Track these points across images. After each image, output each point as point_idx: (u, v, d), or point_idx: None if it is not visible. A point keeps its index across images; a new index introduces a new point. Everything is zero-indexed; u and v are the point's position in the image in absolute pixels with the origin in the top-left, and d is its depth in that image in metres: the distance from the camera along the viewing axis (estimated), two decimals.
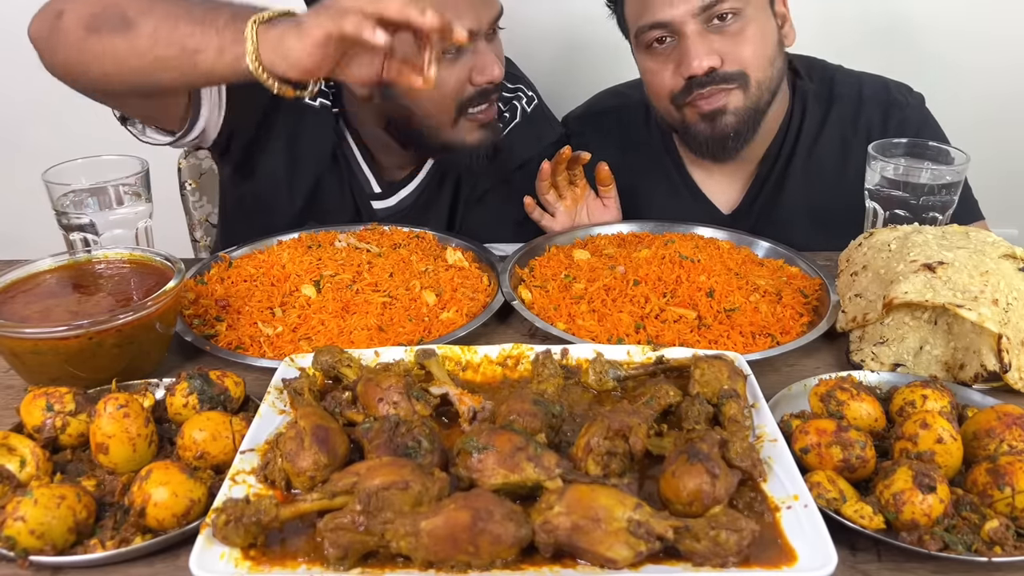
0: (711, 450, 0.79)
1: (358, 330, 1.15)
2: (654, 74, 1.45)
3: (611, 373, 0.99)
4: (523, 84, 1.65)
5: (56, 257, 1.13)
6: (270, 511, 0.73)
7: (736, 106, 1.42)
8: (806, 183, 1.55)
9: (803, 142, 1.54)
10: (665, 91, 1.45)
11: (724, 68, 1.39)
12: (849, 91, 1.55)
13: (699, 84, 1.40)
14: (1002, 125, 2.26)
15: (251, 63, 1.04)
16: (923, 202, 1.29)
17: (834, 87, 1.56)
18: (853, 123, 1.53)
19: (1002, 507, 0.79)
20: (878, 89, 1.56)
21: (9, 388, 1.07)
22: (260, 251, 1.40)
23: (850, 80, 1.57)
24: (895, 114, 1.52)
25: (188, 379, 0.94)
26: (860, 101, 1.54)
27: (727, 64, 1.39)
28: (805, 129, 1.54)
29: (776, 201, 1.57)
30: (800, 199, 1.55)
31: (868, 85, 1.57)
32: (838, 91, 1.55)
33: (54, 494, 0.76)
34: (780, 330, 1.16)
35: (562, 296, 1.24)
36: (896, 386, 0.98)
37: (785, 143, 1.55)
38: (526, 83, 1.66)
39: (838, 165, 1.53)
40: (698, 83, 1.40)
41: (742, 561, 0.71)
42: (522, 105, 1.61)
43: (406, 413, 0.89)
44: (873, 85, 1.57)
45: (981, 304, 1.02)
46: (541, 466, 0.78)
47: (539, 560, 0.72)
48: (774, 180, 1.56)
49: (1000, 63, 2.25)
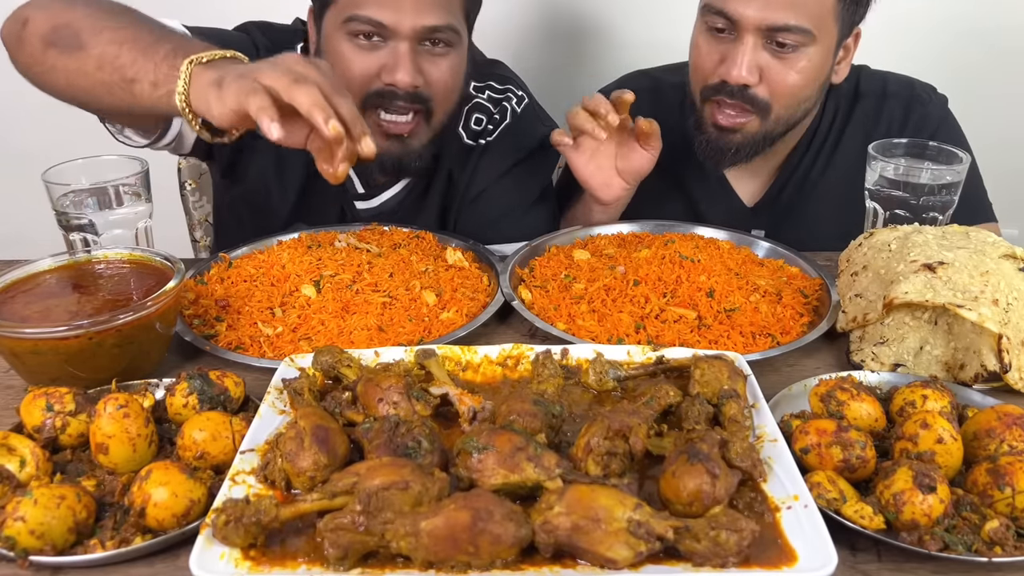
0: (711, 450, 0.79)
1: (358, 330, 1.15)
2: (700, 54, 1.45)
3: (611, 373, 0.99)
4: (512, 84, 1.64)
5: (56, 257, 1.13)
6: (270, 511, 0.73)
7: (750, 131, 1.43)
8: (829, 180, 1.56)
9: (829, 139, 1.56)
10: (702, 74, 1.44)
11: (755, 90, 1.39)
12: (874, 87, 1.57)
13: (728, 92, 1.40)
14: (1002, 125, 2.26)
15: (179, 102, 1.05)
16: (923, 202, 1.29)
17: (859, 84, 1.57)
18: (875, 119, 1.55)
19: (1002, 507, 0.79)
20: (902, 86, 1.57)
21: (9, 388, 1.07)
22: (260, 251, 1.40)
23: (875, 77, 1.59)
24: (917, 109, 1.54)
25: (188, 379, 0.94)
26: (884, 96, 1.56)
27: (760, 88, 1.39)
28: (834, 127, 1.56)
29: (798, 197, 1.58)
30: (822, 196, 1.56)
31: (892, 82, 1.58)
32: (863, 88, 1.57)
33: (54, 494, 0.76)
34: (780, 330, 1.16)
35: (562, 296, 1.24)
36: (896, 386, 0.98)
37: (814, 141, 1.56)
38: (516, 84, 1.66)
39: (860, 162, 1.53)
40: (727, 91, 1.40)
41: (742, 561, 0.71)
42: (512, 106, 1.61)
43: (406, 413, 0.89)
44: (898, 82, 1.58)
45: (981, 304, 1.02)
46: (541, 466, 0.78)
47: (539, 560, 0.72)
48: (798, 176, 1.58)
49: (1001, 62, 2.25)
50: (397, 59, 1.34)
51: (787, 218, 1.57)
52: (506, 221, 1.56)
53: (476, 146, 1.60)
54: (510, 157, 1.59)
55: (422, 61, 1.36)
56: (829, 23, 1.37)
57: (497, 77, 1.63)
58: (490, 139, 1.59)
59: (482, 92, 1.61)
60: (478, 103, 1.60)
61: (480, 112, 1.59)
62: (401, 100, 1.37)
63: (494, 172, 1.59)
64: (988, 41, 2.26)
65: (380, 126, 1.39)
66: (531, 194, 1.61)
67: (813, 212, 1.56)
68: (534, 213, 1.61)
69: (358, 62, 1.36)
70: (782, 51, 1.36)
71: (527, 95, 1.66)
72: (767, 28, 1.34)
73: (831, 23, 1.37)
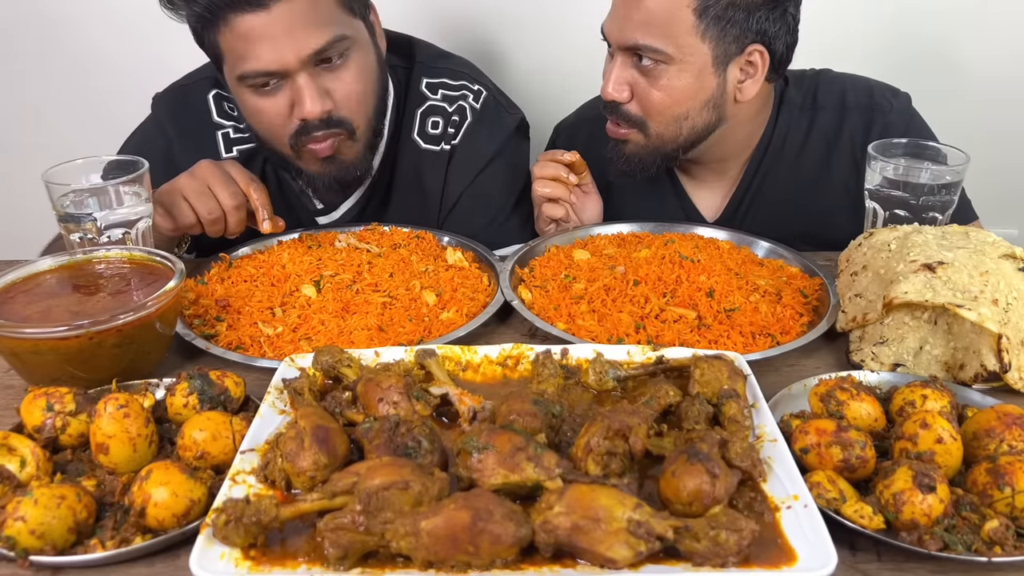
0: (711, 450, 0.79)
1: (358, 330, 1.15)
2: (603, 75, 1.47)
3: (611, 373, 0.99)
4: (466, 80, 1.58)
5: (56, 257, 1.13)
6: (270, 511, 0.73)
7: (636, 143, 1.44)
8: (789, 192, 1.54)
9: (788, 151, 1.53)
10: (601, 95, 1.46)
11: (627, 107, 1.41)
12: (832, 100, 1.53)
13: (608, 108, 1.43)
14: (1002, 124, 2.26)
15: None
16: (923, 202, 1.29)
17: (817, 96, 1.54)
18: (837, 132, 1.52)
19: (1002, 507, 0.79)
20: (860, 96, 1.53)
21: (9, 388, 1.07)
22: (260, 251, 1.41)
23: (834, 88, 1.55)
24: (878, 119, 1.50)
25: (188, 379, 0.94)
26: (843, 109, 1.52)
27: (632, 105, 1.41)
28: (790, 139, 1.53)
29: (758, 209, 1.56)
30: (783, 208, 1.54)
31: (851, 91, 1.54)
32: (821, 100, 1.54)
33: (54, 494, 0.76)
34: (780, 330, 1.16)
35: (562, 296, 1.24)
36: (896, 386, 0.98)
37: (768, 153, 1.54)
38: (470, 77, 1.58)
39: (822, 173, 1.52)
40: (607, 107, 1.43)
41: (742, 561, 0.71)
42: (470, 103, 1.55)
43: (406, 413, 0.89)
44: (856, 91, 1.54)
45: (981, 304, 1.02)
46: (541, 466, 0.78)
47: (539, 560, 0.72)
48: (755, 189, 1.56)
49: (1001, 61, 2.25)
50: (298, 94, 1.33)
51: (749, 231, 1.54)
52: (492, 226, 1.54)
53: (440, 151, 1.55)
54: (481, 157, 1.55)
55: (324, 82, 1.34)
56: (691, 42, 1.33)
57: (449, 72, 1.57)
58: (455, 143, 1.55)
59: (435, 92, 1.56)
60: (432, 105, 1.55)
61: (436, 115, 1.55)
62: (318, 131, 1.36)
63: (467, 176, 1.55)
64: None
65: (310, 153, 1.40)
66: (511, 191, 1.58)
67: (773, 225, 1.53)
68: (519, 211, 1.58)
69: (268, 110, 1.36)
70: (646, 68, 1.37)
71: (484, 86, 1.58)
72: (625, 47, 1.37)
73: (694, 42, 1.33)
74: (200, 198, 1.30)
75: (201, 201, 1.30)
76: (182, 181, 1.32)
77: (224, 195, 1.31)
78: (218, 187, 1.31)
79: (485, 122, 1.56)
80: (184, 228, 1.33)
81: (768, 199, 1.56)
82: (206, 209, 1.30)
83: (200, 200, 1.30)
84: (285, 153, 1.42)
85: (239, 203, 1.32)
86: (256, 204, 1.34)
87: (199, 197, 1.31)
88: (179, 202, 1.31)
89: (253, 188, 1.34)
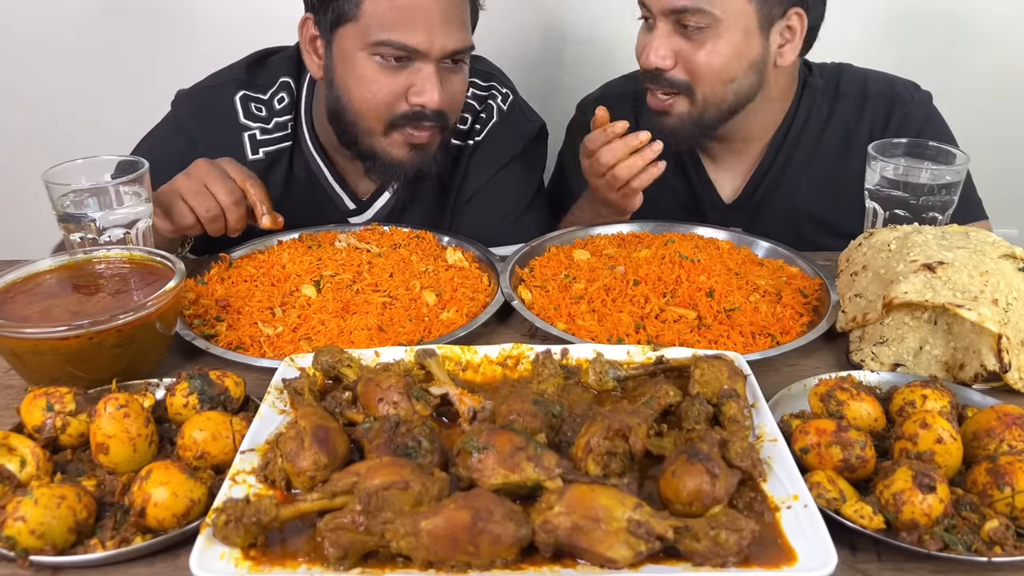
0: (711, 450, 0.79)
1: (358, 330, 1.15)
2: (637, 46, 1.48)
3: (611, 373, 0.99)
4: (496, 81, 1.63)
5: (56, 257, 1.13)
6: (270, 511, 0.73)
7: (680, 112, 1.44)
8: (808, 178, 1.56)
9: (808, 137, 1.56)
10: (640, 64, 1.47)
11: (672, 74, 1.41)
12: (854, 88, 1.56)
13: (651, 78, 1.43)
14: (1002, 124, 2.26)
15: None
16: (923, 202, 1.29)
17: (840, 83, 1.57)
18: (857, 119, 1.54)
19: (1002, 507, 0.79)
20: (883, 86, 1.57)
21: (9, 388, 1.07)
22: (260, 251, 1.41)
23: (856, 77, 1.58)
24: (898, 110, 1.53)
25: (188, 379, 0.94)
26: (865, 97, 1.55)
27: (677, 71, 1.41)
28: (810, 124, 1.55)
29: (776, 193, 1.58)
30: (800, 193, 1.57)
31: (873, 82, 1.58)
32: (844, 88, 1.57)
33: (54, 494, 0.76)
34: (780, 330, 1.16)
35: (562, 296, 1.24)
36: (896, 386, 0.98)
37: (789, 136, 1.56)
38: (499, 79, 1.65)
39: (840, 160, 1.54)
40: (650, 77, 1.43)
41: (742, 561, 0.71)
42: (498, 104, 1.61)
43: (406, 413, 0.89)
44: (878, 82, 1.58)
45: (981, 304, 1.02)
46: (541, 466, 0.78)
47: (539, 560, 0.72)
48: (775, 173, 1.58)
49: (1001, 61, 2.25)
50: (425, 82, 1.36)
51: (765, 215, 1.58)
52: (504, 223, 1.56)
53: (464, 147, 1.60)
54: (502, 156, 1.59)
55: (442, 79, 1.38)
56: (739, 3, 1.37)
57: (479, 73, 1.62)
58: (478, 139, 1.59)
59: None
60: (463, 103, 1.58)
61: (465, 111, 1.58)
62: (428, 120, 1.40)
63: (486, 173, 1.59)
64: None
65: (405, 137, 1.42)
66: (525, 192, 1.61)
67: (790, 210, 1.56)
68: (531, 213, 1.60)
69: (385, 85, 1.38)
70: (691, 33, 1.38)
71: (511, 91, 1.65)
72: (671, 11, 1.38)
73: (741, 3, 1.37)
74: (197, 197, 1.30)
75: (199, 200, 1.30)
76: (179, 181, 1.32)
77: (221, 192, 1.30)
78: (215, 184, 1.31)
79: (509, 123, 1.61)
80: (183, 229, 1.32)
81: (786, 182, 1.57)
82: (204, 207, 1.30)
83: (198, 199, 1.30)
84: (372, 128, 1.42)
85: (237, 199, 1.31)
86: (254, 200, 1.33)
87: (196, 196, 1.30)
88: (177, 202, 1.31)
89: (250, 184, 1.33)
